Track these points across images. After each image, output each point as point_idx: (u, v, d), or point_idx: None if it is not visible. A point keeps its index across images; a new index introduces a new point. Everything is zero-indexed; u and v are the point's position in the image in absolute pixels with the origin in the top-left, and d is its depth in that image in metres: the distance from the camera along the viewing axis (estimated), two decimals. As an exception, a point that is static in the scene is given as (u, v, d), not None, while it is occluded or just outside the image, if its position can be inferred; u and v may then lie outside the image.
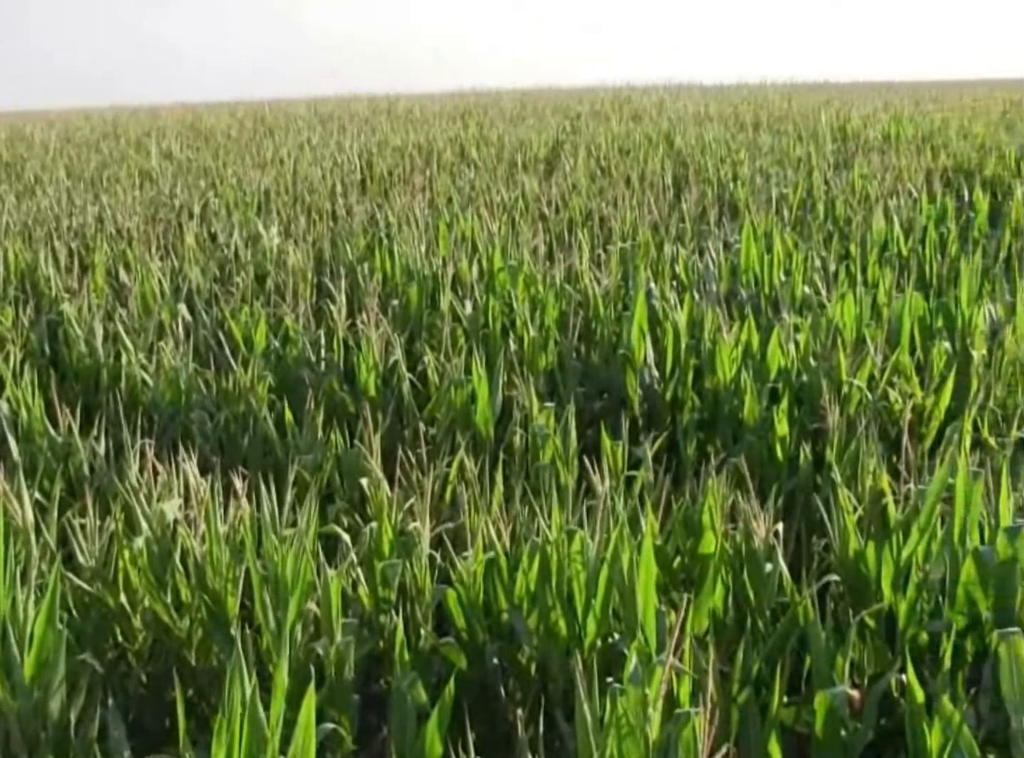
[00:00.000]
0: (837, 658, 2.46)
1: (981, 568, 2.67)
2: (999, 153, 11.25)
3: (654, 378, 4.72)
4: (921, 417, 4.19)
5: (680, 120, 17.39)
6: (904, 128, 14.29)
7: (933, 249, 6.63)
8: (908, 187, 9.06)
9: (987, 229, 7.85)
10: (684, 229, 7.41)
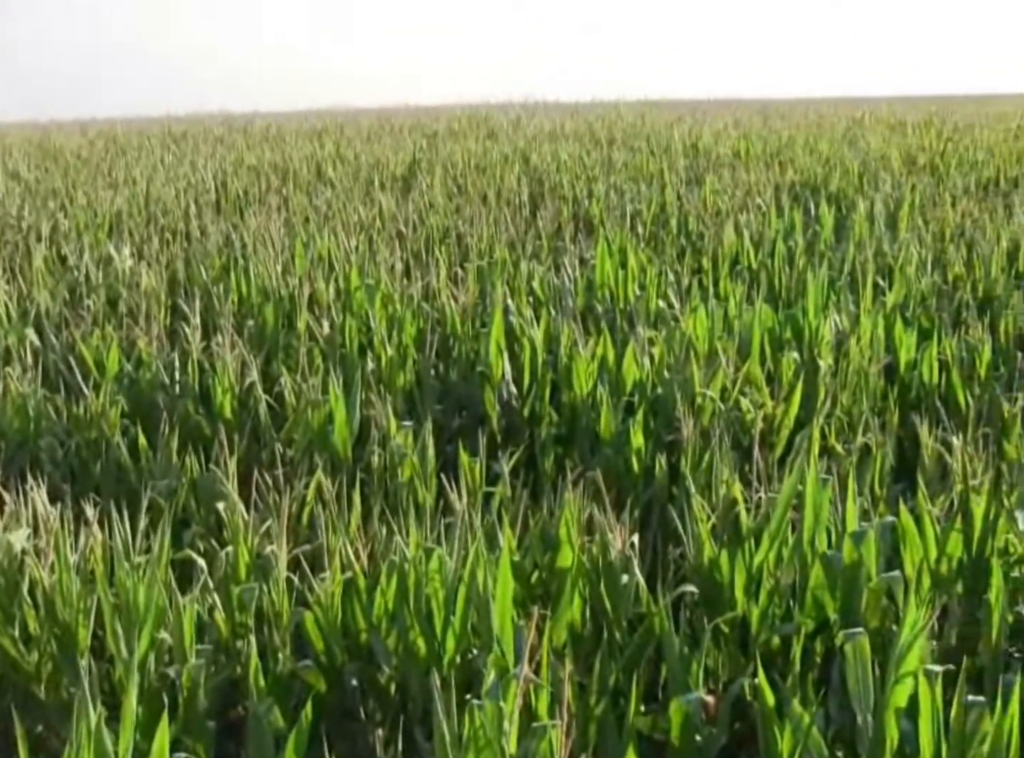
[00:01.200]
0: (692, 665, 2.51)
1: (829, 572, 2.75)
2: (843, 168, 11.64)
3: (512, 394, 4.74)
4: (772, 426, 4.30)
5: (536, 138, 17.56)
6: (753, 144, 14.68)
7: (782, 262, 6.82)
8: (758, 202, 9.31)
9: (832, 242, 8.10)
10: (540, 246, 7.48)
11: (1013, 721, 2.14)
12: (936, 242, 7.64)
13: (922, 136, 16.07)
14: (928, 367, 4.89)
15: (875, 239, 7.85)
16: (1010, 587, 2.89)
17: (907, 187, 9.91)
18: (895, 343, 5.15)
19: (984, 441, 4.13)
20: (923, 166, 12.26)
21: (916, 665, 2.26)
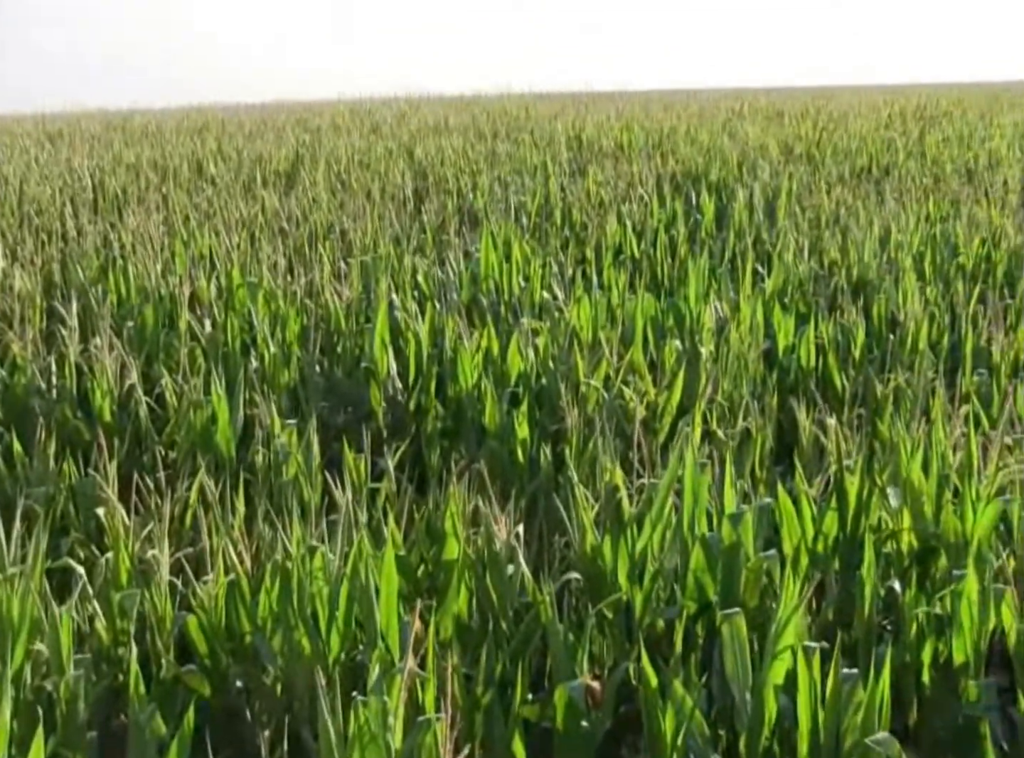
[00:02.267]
0: (577, 652, 2.53)
1: (709, 554, 2.80)
2: (723, 158, 11.83)
3: (397, 389, 4.73)
4: (655, 413, 4.36)
5: (420, 132, 17.50)
6: (635, 135, 14.83)
7: (664, 251, 6.92)
8: (640, 192, 9.41)
9: (713, 231, 8.24)
10: (425, 240, 7.47)
11: (884, 690, 2.21)
12: (813, 229, 7.82)
13: (799, 126, 16.40)
14: (805, 351, 5.01)
15: (754, 227, 8.02)
16: (882, 562, 2.98)
17: (784, 176, 10.11)
18: (774, 328, 5.26)
19: (859, 421, 4.26)
20: (800, 155, 12.52)
21: (792, 642, 2.32)
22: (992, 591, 2.59)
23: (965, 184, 9.74)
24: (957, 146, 13.04)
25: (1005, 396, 3.93)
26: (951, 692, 2.57)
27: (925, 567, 3.01)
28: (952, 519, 3.02)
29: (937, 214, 8.07)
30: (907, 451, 3.26)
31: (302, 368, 4.91)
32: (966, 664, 2.56)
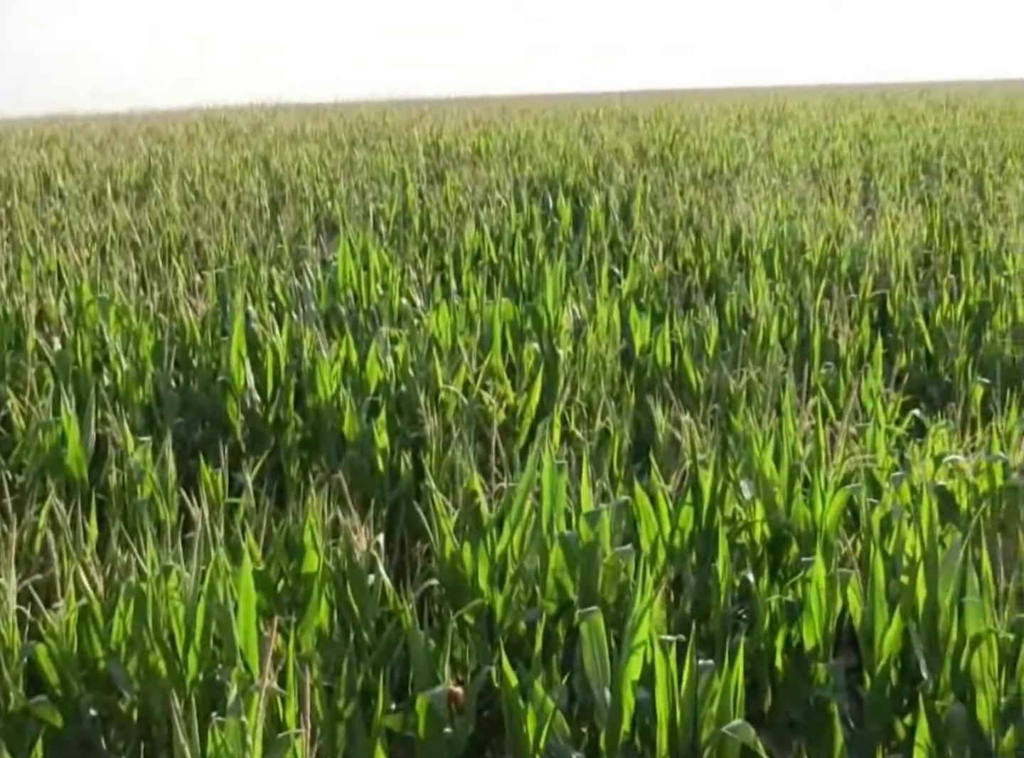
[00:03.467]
0: (439, 659, 2.53)
1: (567, 554, 2.83)
2: (579, 162, 11.97)
3: (255, 402, 4.66)
4: (515, 416, 4.39)
5: (276, 140, 17.30)
6: (492, 141, 14.91)
7: (522, 255, 6.96)
8: (498, 197, 9.46)
9: (570, 234, 8.33)
10: (282, 250, 7.38)
11: (738, 678, 2.26)
12: (667, 230, 7.97)
13: (652, 129, 16.69)
14: (661, 350, 5.09)
15: (610, 229, 8.13)
16: (736, 553, 3.05)
17: (639, 178, 10.28)
18: (630, 328, 5.34)
19: (714, 417, 4.35)
20: (654, 158, 12.74)
21: (648, 636, 2.35)
22: (839, 576, 2.68)
23: (811, 183, 10.03)
24: (803, 146, 13.44)
25: (851, 387, 4.07)
26: (803, 676, 2.65)
27: (777, 556, 3.09)
28: (802, 508, 3.11)
29: (785, 213, 8.29)
30: (759, 444, 3.35)
31: (156, 384, 4.80)
32: (816, 648, 2.64)
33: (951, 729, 2.37)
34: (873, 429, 3.72)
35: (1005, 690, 2.46)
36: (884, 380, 4.57)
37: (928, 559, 2.65)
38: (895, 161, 11.75)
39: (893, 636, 2.58)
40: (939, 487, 3.39)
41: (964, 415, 3.97)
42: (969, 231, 7.60)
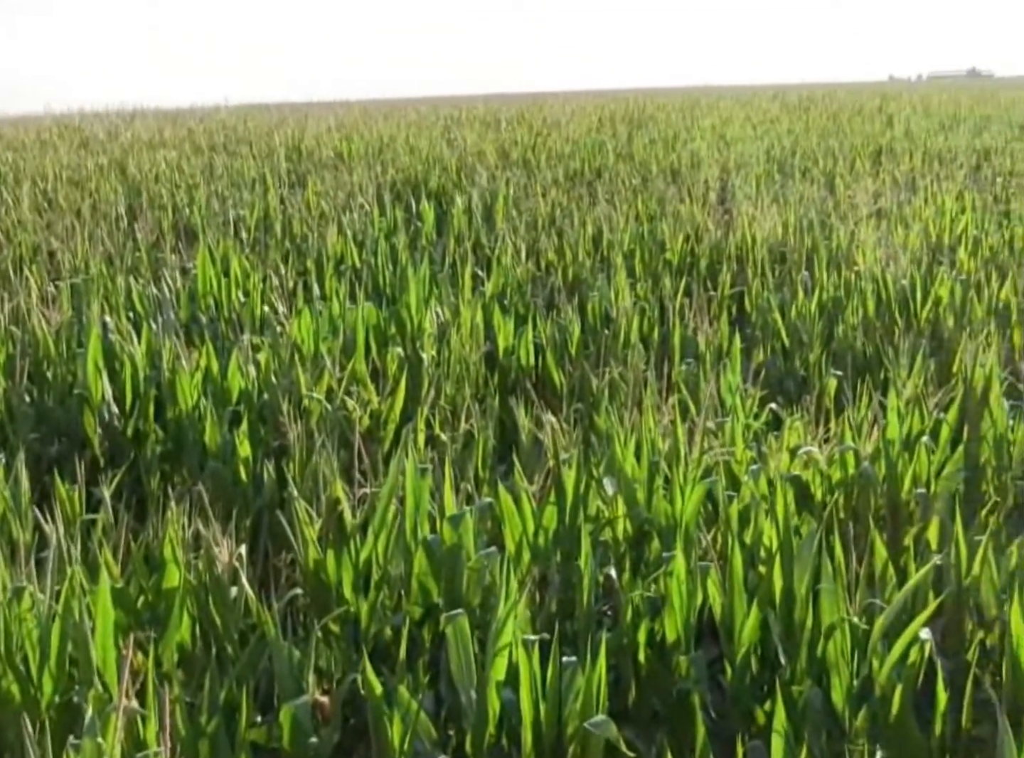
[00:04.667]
0: (304, 669, 2.51)
1: (431, 558, 2.83)
2: (442, 165, 11.98)
3: (114, 414, 4.55)
4: (379, 421, 4.37)
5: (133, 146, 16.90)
6: (355, 145, 14.82)
7: (385, 259, 6.94)
8: (360, 201, 9.41)
9: (434, 237, 8.33)
10: (140, 258, 7.22)
11: (601, 675, 2.29)
12: (530, 232, 8.03)
13: (515, 131, 16.79)
14: (525, 351, 5.13)
15: (473, 232, 8.15)
16: (600, 550, 3.09)
17: (502, 181, 10.33)
18: (494, 330, 5.36)
19: (577, 416, 4.40)
20: (516, 160, 12.82)
21: (513, 637, 2.37)
22: (699, 569, 2.73)
23: (670, 184, 10.21)
24: (662, 148, 13.67)
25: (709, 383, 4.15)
26: (666, 668, 2.69)
27: (640, 551, 3.14)
28: (663, 503, 3.16)
29: (645, 213, 8.44)
30: (620, 442, 3.40)
31: (8, 398, 4.65)
32: (678, 641, 2.69)
33: (807, 713, 2.44)
34: (731, 423, 3.80)
35: (858, 672, 2.54)
36: (742, 375, 4.67)
37: (784, 549, 2.72)
38: (751, 161, 12.03)
39: (752, 626, 2.64)
40: (794, 478, 3.48)
41: (818, 407, 4.08)
42: (822, 229, 7.82)
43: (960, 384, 4.24)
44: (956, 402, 4.05)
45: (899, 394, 3.95)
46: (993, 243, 7.28)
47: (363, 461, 3.28)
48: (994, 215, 8.22)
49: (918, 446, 3.64)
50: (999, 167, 11.24)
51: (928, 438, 3.71)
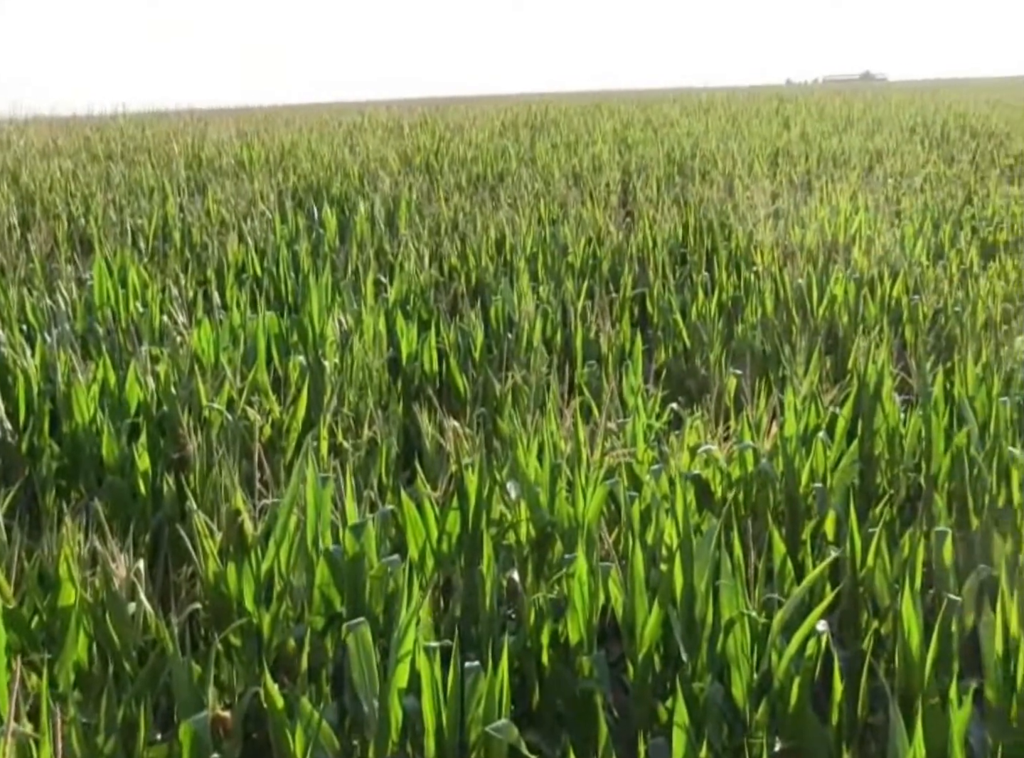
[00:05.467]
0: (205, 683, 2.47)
1: (333, 567, 2.81)
2: (344, 171, 11.92)
3: (7, 430, 4.44)
4: (281, 431, 4.33)
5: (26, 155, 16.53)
6: (256, 152, 14.67)
7: (287, 267, 6.88)
8: (262, 209, 9.32)
9: (336, 244, 8.28)
10: (33, 269, 7.06)
11: (503, 679, 2.29)
12: (433, 237, 8.02)
13: (418, 137, 16.77)
14: (428, 357, 5.13)
15: (376, 238, 8.13)
16: (502, 554, 3.10)
17: (404, 186, 10.31)
18: (397, 337, 5.35)
19: (482, 421, 4.41)
20: (419, 166, 12.80)
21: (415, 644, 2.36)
22: (600, 570, 2.75)
23: (572, 187, 10.29)
24: (565, 152, 13.76)
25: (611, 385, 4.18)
26: (569, 670, 2.71)
27: (543, 554, 3.15)
28: (565, 505, 3.18)
29: (548, 217, 8.48)
30: (523, 445, 3.41)
31: None
32: (581, 641, 2.70)
33: (708, 708, 2.47)
34: (633, 424, 3.84)
35: (758, 666, 2.58)
36: (644, 376, 4.73)
37: (684, 547, 2.75)
38: (652, 164, 12.17)
39: (653, 624, 2.66)
40: (695, 476, 3.53)
41: (718, 406, 4.14)
42: (721, 230, 7.94)
43: (854, 380, 4.34)
44: (851, 398, 4.13)
45: (796, 391, 4.03)
46: (886, 242, 7.45)
47: (264, 471, 3.24)
48: (886, 215, 8.42)
49: (815, 441, 3.70)
50: (891, 168, 11.51)
51: (824, 433, 3.78)
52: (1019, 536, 3.26)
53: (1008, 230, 8.05)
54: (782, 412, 3.84)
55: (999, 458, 3.73)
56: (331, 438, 4.13)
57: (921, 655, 2.57)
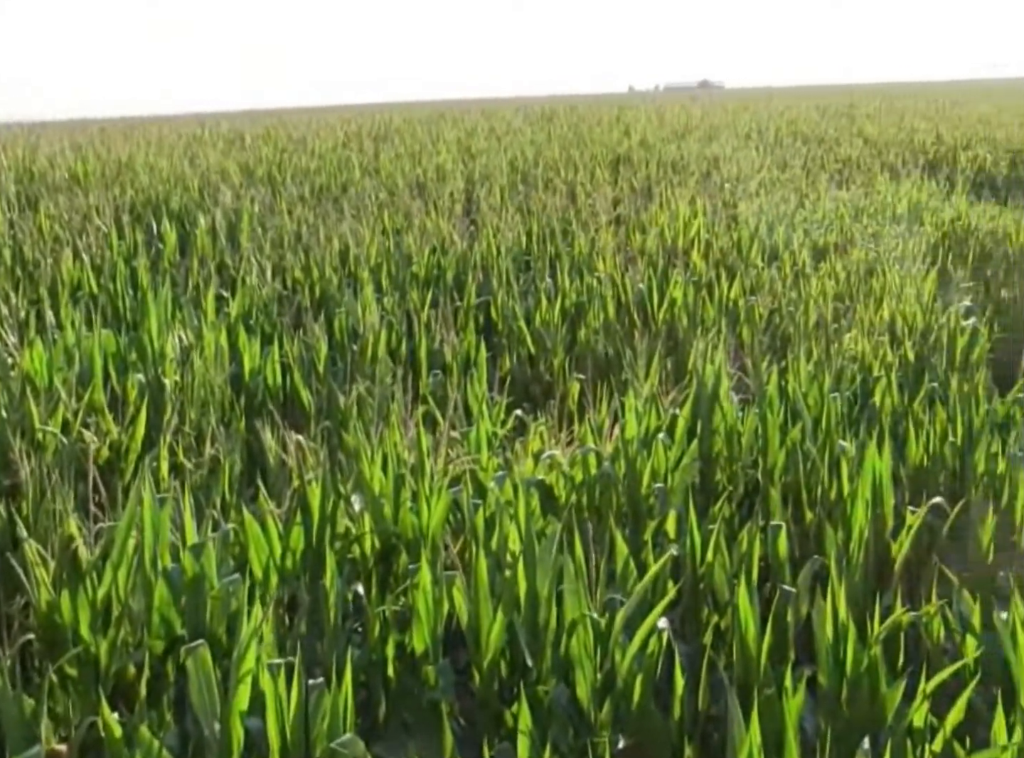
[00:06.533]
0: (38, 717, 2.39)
1: (173, 589, 2.75)
2: (184, 185, 11.68)
3: None
4: (119, 452, 4.22)
5: None
6: (91, 166, 14.27)
7: (124, 284, 6.70)
8: (98, 224, 9.06)
9: (177, 259, 8.11)
10: None
11: (347, 694, 2.28)
12: (276, 250, 7.91)
13: (260, 149, 16.55)
14: (272, 371, 5.06)
15: (218, 252, 7.99)
16: (347, 568, 3.08)
17: (246, 199, 10.16)
18: (240, 352, 5.26)
19: (327, 434, 4.37)
20: (261, 178, 12.63)
21: (257, 663, 2.33)
22: (444, 579, 2.76)
23: (416, 197, 10.28)
24: (409, 162, 13.75)
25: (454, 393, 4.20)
26: (415, 680, 2.71)
27: (389, 566, 3.14)
28: (409, 516, 3.18)
29: (392, 227, 8.46)
30: (368, 457, 3.40)
31: None
32: (426, 652, 2.71)
33: (553, 710, 2.50)
34: (477, 432, 3.86)
35: (601, 667, 2.62)
36: (489, 383, 4.75)
37: (526, 552, 2.78)
38: (495, 173, 12.25)
39: (498, 630, 2.68)
40: (538, 482, 3.56)
41: (561, 411, 4.19)
42: (564, 237, 8.04)
43: (693, 381, 4.44)
44: (690, 398, 4.22)
45: (637, 394, 4.10)
46: (723, 245, 7.66)
47: (101, 494, 3.16)
48: (723, 219, 8.64)
49: (655, 443, 3.78)
50: (727, 174, 11.82)
51: (664, 434, 3.86)
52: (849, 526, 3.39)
53: (837, 232, 8.34)
54: (623, 415, 3.91)
55: (830, 451, 3.87)
56: (171, 457, 4.04)
57: (757, 646, 2.65)
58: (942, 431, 4.08)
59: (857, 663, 2.57)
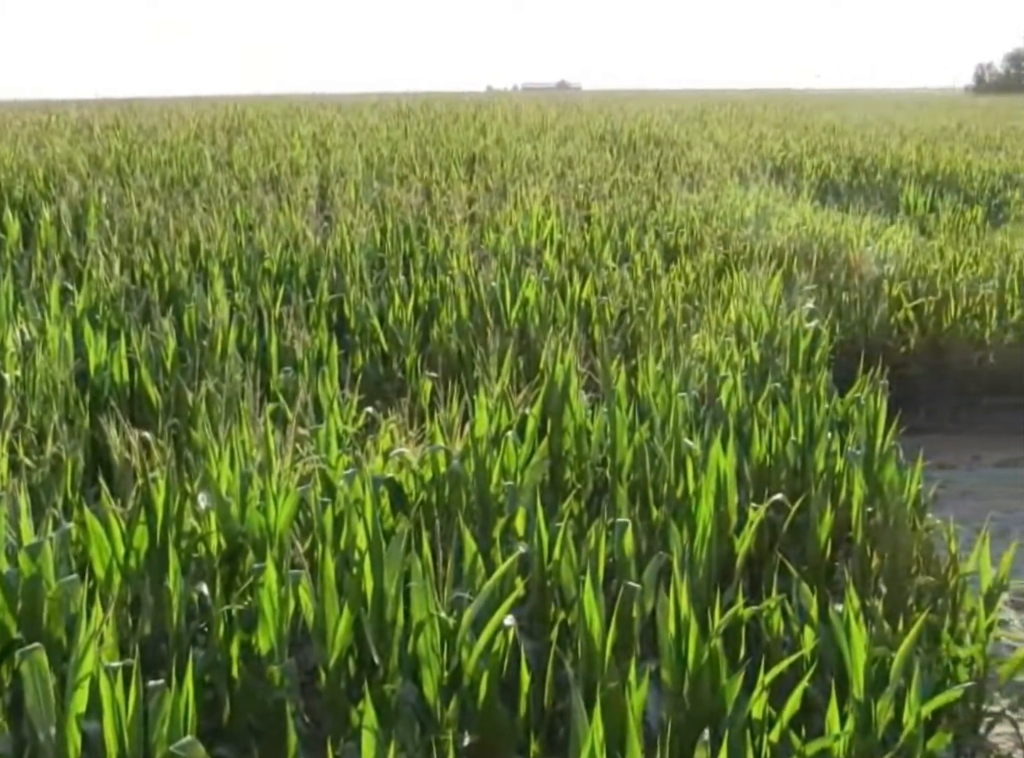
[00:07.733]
0: None
1: (8, 591, 2.67)
2: (28, 174, 11.30)
3: None
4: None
5: None
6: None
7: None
8: (-67, 214, 8.71)
9: (19, 250, 7.85)
10: None
11: (188, 696, 2.25)
12: (124, 243, 7.72)
13: (109, 139, 16.11)
14: (118, 367, 4.94)
15: (63, 244, 7.76)
16: (192, 568, 3.03)
17: (94, 190, 9.88)
18: (85, 347, 5.12)
19: (174, 431, 4.30)
20: (110, 168, 12.30)
21: (94, 666, 2.28)
22: (290, 578, 2.74)
23: (269, 192, 10.14)
24: (263, 156, 13.56)
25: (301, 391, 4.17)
26: (260, 680, 2.69)
27: (235, 566, 3.11)
28: (256, 515, 3.15)
29: (244, 222, 8.34)
30: (215, 455, 3.35)
31: None
32: (272, 651, 2.69)
33: (400, 709, 2.51)
34: (327, 430, 3.84)
35: (448, 665, 2.64)
36: (341, 381, 4.73)
37: (374, 550, 2.78)
38: (351, 169, 12.16)
39: (344, 629, 2.68)
40: (389, 480, 3.57)
41: (412, 409, 4.20)
42: (418, 234, 8.04)
43: (544, 380, 4.49)
44: (540, 397, 4.27)
45: (488, 392, 4.14)
46: (576, 245, 7.76)
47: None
48: (576, 220, 8.75)
49: (505, 441, 3.81)
50: (581, 175, 11.97)
51: (515, 433, 3.90)
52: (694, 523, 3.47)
53: (688, 234, 8.53)
54: (474, 413, 3.94)
55: (677, 450, 3.96)
56: (11, 455, 3.92)
57: (602, 641, 2.71)
58: (784, 430, 4.21)
59: (698, 656, 2.64)
